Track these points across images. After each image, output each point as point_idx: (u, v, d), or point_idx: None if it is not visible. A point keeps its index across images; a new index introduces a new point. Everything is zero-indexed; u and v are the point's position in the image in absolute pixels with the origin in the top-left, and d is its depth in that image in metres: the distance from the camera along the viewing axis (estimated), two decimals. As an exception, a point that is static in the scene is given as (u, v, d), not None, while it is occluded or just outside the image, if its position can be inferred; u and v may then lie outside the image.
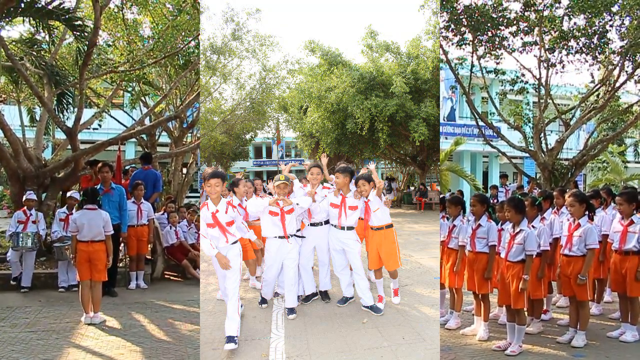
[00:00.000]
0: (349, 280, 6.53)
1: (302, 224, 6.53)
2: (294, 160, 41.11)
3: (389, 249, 6.27)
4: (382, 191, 6.18)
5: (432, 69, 20.37)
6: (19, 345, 5.45)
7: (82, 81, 9.64)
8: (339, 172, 6.30)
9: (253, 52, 22.01)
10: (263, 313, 6.27)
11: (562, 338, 5.58)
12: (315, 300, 6.71)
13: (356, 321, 5.92)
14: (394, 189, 25.95)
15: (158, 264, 8.96)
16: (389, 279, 6.64)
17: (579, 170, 14.18)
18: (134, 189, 8.66)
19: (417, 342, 5.24)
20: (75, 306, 6.83)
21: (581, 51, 12.94)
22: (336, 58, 22.47)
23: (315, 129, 23.44)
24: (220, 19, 22.25)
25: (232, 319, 5.07)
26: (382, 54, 22.31)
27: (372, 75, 20.91)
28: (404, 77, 20.13)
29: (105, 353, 5.34)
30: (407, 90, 19.72)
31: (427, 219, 18.37)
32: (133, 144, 23.41)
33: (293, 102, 26.23)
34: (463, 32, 12.93)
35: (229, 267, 5.12)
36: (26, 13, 8.96)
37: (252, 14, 20.99)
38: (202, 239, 5.22)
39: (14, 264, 7.97)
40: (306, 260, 6.53)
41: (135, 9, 12.46)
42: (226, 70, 22.17)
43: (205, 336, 5.52)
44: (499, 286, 5.54)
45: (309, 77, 23.52)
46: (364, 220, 6.46)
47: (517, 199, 5.50)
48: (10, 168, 9.19)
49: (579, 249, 5.48)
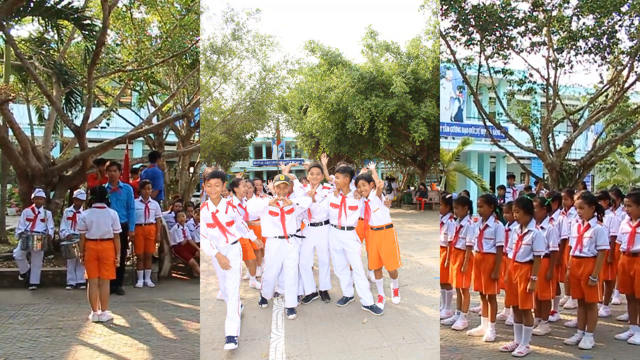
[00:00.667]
0: (349, 280, 6.52)
1: (302, 224, 6.52)
2: (294, 160, 41.13)
3: (389, 249, 6.25)
4: (382, 191, 6.16)
5: (432, 69, 20.39)
6: (27, 342, 5.48)
7: (90, 80, 9.69)
8: (339, 172, 6.29)
9: (253, 52, 22.04)
10: (263, 313, 6.27)
11: (570, 339, 5.55)
12: (315, 300, 6.70)
13: (356, 321, 5.91)
14: (394, 189, 25.98)
15: (165, 263, 8.99)
16: (389, 279, 6.63)
17: (587, 171, 14.11)
18: (142, 188, 8.70)
19: (417, 342, 5.23)
20: (83, 304, 6.87)
21: (590, 51, 12.88)
22: (336, 58, 22.50)
23: (315, 129, 23.47)
24: (220, 19, 22.29)
25: (232, 319, 5.06)
26: (382, 54, 22.33)
27: (372, 75, 20.93)
28: (404, 77, 20.15)
29: (113, 351, 5.36)
30: (407, 90, 19.74)
31: (427, 219, 18.38)
32: (141, 143, 23.52)
33: (293, 102, 26.25)
34: (471, 32, 12.90)
35: (229, 267, 5.11)
36: (35, 12, 9.02)
37: (252, 14, 21.04)
38: (202, 239, 5.21)
39: (20, 261, 8.02)
40: (306, 260, 6.52)
41: (143, 9, 12.51)
42: (226, 70, 22.19)
43: (205, 336, 5.51)
44: (506, 287, 5.52)
45: (309, 77, 23.55)
46: (364, 220, 6.44)
47: (525, 199, 5.47)
48: (19, 166, 9.25)
49: (590, 250, 5.45)
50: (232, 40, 21.11)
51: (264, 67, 23.51)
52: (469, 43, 13.15)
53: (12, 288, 7.89)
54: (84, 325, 6.14)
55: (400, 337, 5.37)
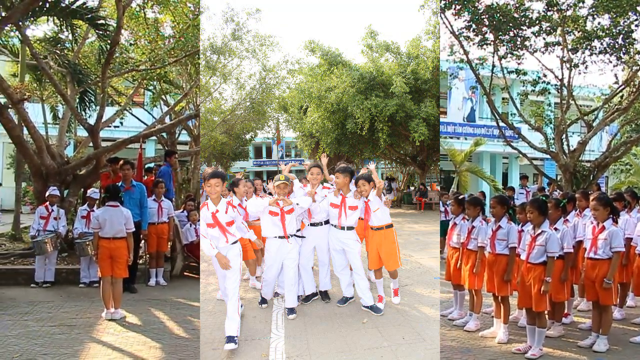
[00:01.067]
0: (349, 280, 6.52)
1: (302, 224, 6.51)
2: (294, 160, 41.04)
3: (389, 249, 6.24)
4: (382, 191, 6.15)
5: (432, 69, 20.36)
6: (42, 339, 5.54)
7: (104, 79, 9.77)
8: (339, 172, 6.28)
9: (253, 52, 22.10)
10: (263, 313, 6.27)
11: (584, 342, 5.50)
12: (315, 300, 6.70)
13: (356, 321, 5.90)
14: (394, 189, 25.98)
15: (177, 262, 9.03)
16: (389, 279, 6.62)
17: (602, 172, 13.96)
18: (155, 187, 8.74)
19: (417, 342, 5.22)
20: (96, 302, 6.93)
21: (605, 51, 12.74)
22: (336, 58, 22.51)
23: (315, 129, 23.48)
24: (220, 19, 22.41)
25: (232, 319, 5.06)
26: (382, 54, 22.32)
27: (372, 75, 20.92)
28: (404, 77, 20.13)
29: (125, 348, 5.40)
30: (407, 90, 19.73)
31: (427, 219, 18.37)
32: (153, 142, 23.63)
33: (293, 102, 26.26)
34: (484, 32, 12.81)
35: (229, 267, 5.10)
36: (50, 12, 9.09)
37: (252, 14, 21.10)
38: (202, 239, 5.21)
39: (39, 268, 8.07)
40: (306, 260, 6.51)
41: (156, 8, 12.58)
42: (226, 70, 22.25)
43: (205, 336, 5.51)
44: (519, 288, 5.48)
45: (309, 77, 23.56)
46: (364, 220, 6.43)
47: (540, 200, 5.43)
48: (34, 165, 9.34)
49: (605, 252, 5.39)
50: (232, 40, 21.19)
51: (264, 67, 23.58)
52: (482, 43, 13.07)
53: (27, 285, 7.97)
54: (97, 323, 6.19)
55: (400, 337, 5.36)
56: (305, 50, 23.12)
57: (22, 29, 9.61)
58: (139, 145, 10.33)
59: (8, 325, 6.00)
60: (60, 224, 8.39)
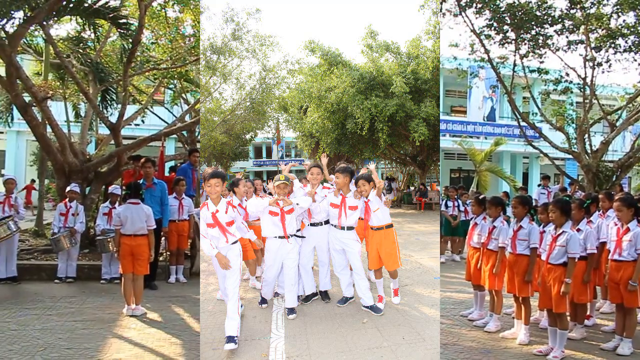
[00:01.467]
0: (349, 280, 6.49)
1: (302, 224, 6.49)
2: (294, 160, 41.08)
3: (389, 249, 6.20)
4: (382, 191, 6.12)
5: (432, 69, 20.27)
6: (65, 333, 5.62)
7: (125, 78, 9.88)
8: (339, 172, 6.25)
9: (253, 52, 22.19)
10: (263, 313, 6.25)
11: (607, 345, 5.42)
12: (315, 300, 6.67)
13: (356, 321, 5.87)
14: (394, 189, 25.94)
15: (197, 259, 9.09)
16: (389, 279, 6.58)
17: (625, 173, 13.73)
18: (176, 185, 8.80)
19: (417, 342, 5.18)
20: (117, 298, 7.01)
21: (630, 50, 12.53)
22: (336, 58, 22.50)
23: (315, 129, 23.47)
24: (220, 19, 22.55)
25: (232, 319, 5.04)
26: (382, 54, 22.25)
27: (372, 75, 20.89)
28: (404, 77, 20.08)
29: (147, 344, 5.45)
30: (407, 90, 19.68)
31: (427, 219, 18.27)
32: (173, 140, 23.82)
33: (293, 102, 26.28)
34: (505, 30, 12.69)
35: (229, 267, 5.09)
36: (74, 12, 9.22)
37: (252, 14, 21.21)
38: (202, 239, 5.20)
39: (62, 265, 8.23)
40: (306, 260, 6.49)
41: (177, 7, 12.69)
42: (226, 70, 22.32)
43: (205, 336, 5.51)
44: (539, 289, 5.41)
45: (309, 77, 23.57)
46: (364, 220, 6.40)
47: (563, 200, 5.38)
48: (57, 162, 9.48)
49: (629, 253, 5.30)
50: (232, 40, 21.29)
51: (264, 67, 23.64)
52: (503, 42, 12.95)
53: (50, 281, 8.11)
54: (118, 319, 6.26)
55: (400, 337, 5.32)
56: (305, 50, 23.18)
57: (46, 28, 9.77)
58: (159, 143, 10.43)
59: (32, 319, 6.10)
60: (78, 220, 8.42)
